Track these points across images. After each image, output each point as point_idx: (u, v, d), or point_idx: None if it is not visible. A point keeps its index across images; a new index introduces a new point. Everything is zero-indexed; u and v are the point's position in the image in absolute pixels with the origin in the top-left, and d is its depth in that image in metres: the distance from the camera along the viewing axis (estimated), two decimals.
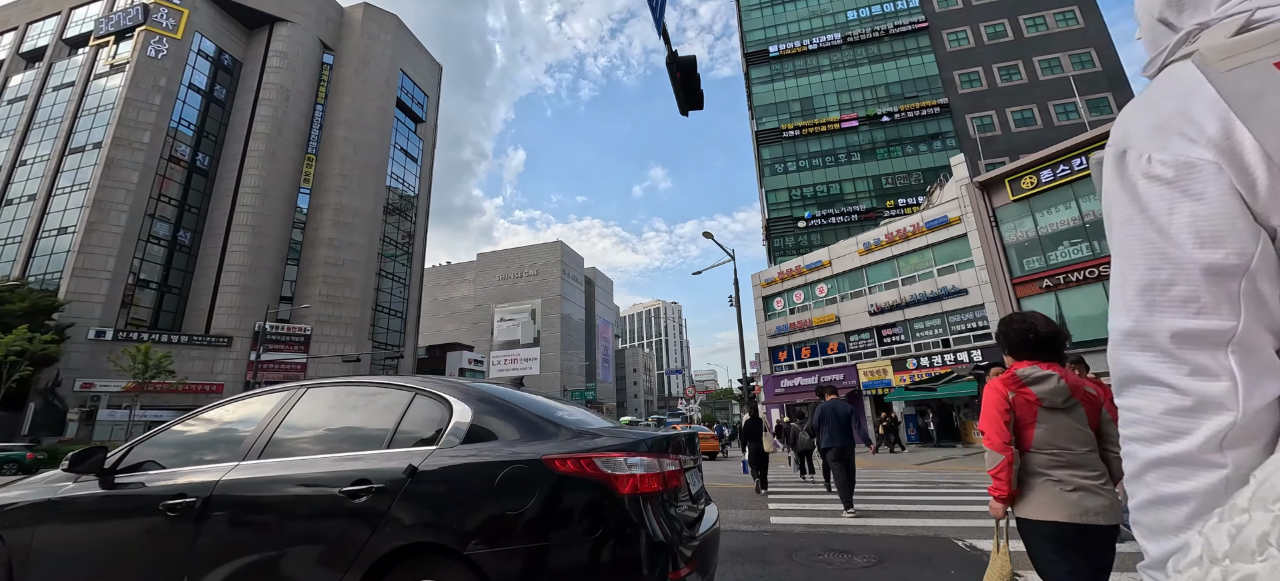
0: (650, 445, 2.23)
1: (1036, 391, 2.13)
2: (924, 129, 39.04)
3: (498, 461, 2.10)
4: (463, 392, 2.45)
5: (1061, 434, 2.12)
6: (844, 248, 27.73)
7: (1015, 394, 2.17)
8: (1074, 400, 2.14)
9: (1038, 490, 2.11)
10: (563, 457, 2.07)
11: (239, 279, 42.01)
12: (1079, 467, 2.08)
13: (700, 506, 2.63)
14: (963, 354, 22.31)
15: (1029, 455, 2.15)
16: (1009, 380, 2.20)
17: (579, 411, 2.76)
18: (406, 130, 56.18)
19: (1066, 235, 20.05)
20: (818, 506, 7.53)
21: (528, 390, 2.94)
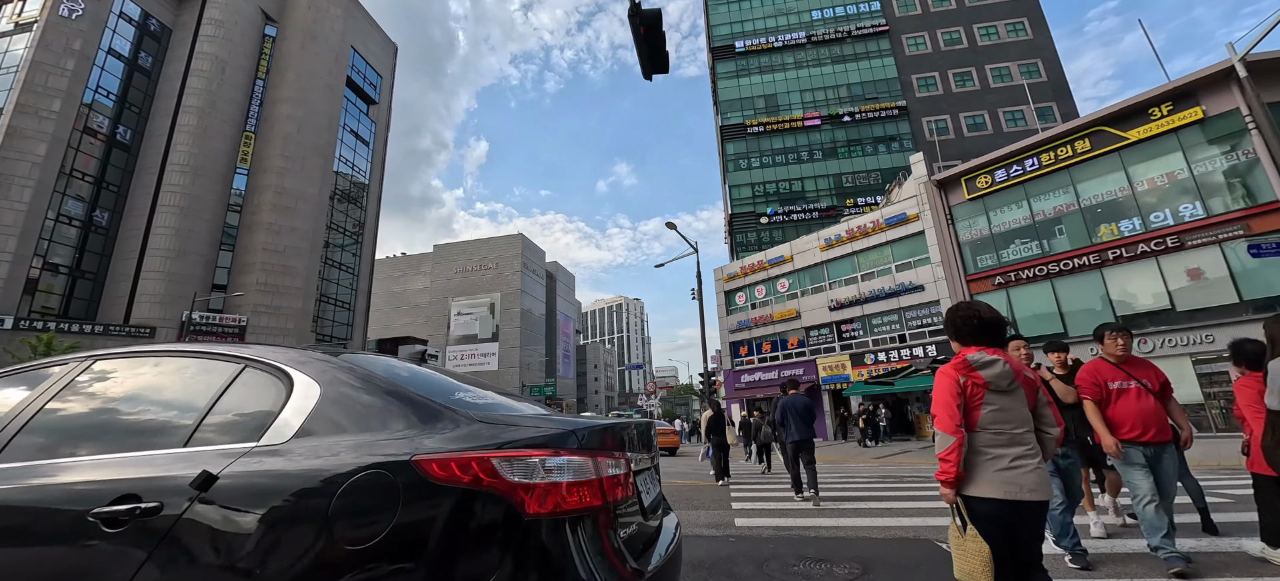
0: (585, 438, 1.54)
1: (985, 375, 2.22)
2: (883, 130, 39.84)
3: (341, 467, 1.36)
4: (317, 365, 1.68)
5: (1004, 415, 2.22)
6: (806, 243, 27.79)
7: (965, 378, 2.24)
8: (1016, 383, 2.24)
9: (980, 469, 2.20)
10: (444, 458, 1.35)
11: (164, 264, 38.64)
12: (1017, 445, 2.19)
13: (656, 521, 1.96)
14: (918, 349, 22.64)
15: (974, 435, 2.23)
16: (960, 365, 2.27)
17: (495, 395, 2.01)
18: (357, 111, 53.23)
19: (1018, 234, 20.57)
20: (783, 504, 7.04)
21: (480, 384, 2.18)
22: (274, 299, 41.86)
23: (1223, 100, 16.44)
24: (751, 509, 6.83)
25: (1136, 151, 18.05)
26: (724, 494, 8.36)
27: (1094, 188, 18.89)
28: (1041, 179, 20.04)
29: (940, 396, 2.28)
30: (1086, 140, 18.98)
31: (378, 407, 1.50)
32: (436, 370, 2.22)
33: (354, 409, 1.50)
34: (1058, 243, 19.53)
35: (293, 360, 1.68)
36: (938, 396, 2.30)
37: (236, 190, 43.97)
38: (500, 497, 1.30)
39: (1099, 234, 18.61)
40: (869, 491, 8.13)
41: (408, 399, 1.54)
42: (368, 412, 1.49)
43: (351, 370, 1.64)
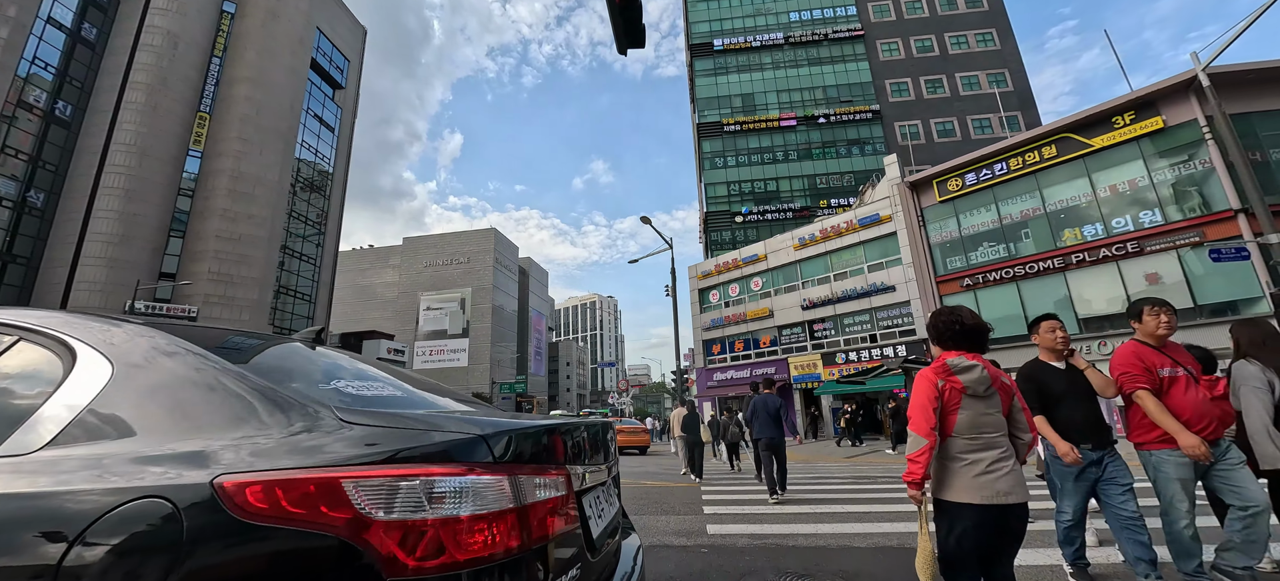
0: (505, 445, 1.05)
1: (963, 379, 2.22)
2: (857, 133, 40.33)
3: (92, 495, 0.86)
4: (114, 333, 1.16)
5: (980, 419, 2.23)
6: (779, 242, 27.77)
7: (944, 382, 2.25)
8: (993, 389, 2.26)
9: (957, 474, 2.21)
10: (266, 480, 0.87)
11: (106, 250, 36.29)
12: (992, 449, 2.21)
13: (611, 549, 1.50)
14: (889, 349, 22.83)
15: (950, 440, 2.24)
16: (939, 369, 2.28)
17: (404, 385, 1.52)
18: (323, 96, 51.13)
19: (986, 237, 20.89)
20: (758, 508, 6.70)
21: (453, 384, 1.64)
22: (228, 289, 39.79)
23: (1182, 111, 16.94)
24: (725, 514, 6.45)
25: (1100, 158, 18.49)
26: (696, 496, 7.97)
27: (1059, 192, 19.30)
28: (1010, 183, 20.39)
29: (917, 399, 2.28)
30: (1053, 146, 19.37)
31: (192, 399, 1.01)
32: (392, 365, 1.71)
33: (154, 400, 1.01)
34: (1024, 246, 19.90)
35: (81, 327, 1.17)
36: (915, 399, 2.30)
37: (189, 174, 41.62)
38: (351, 546, 0.82)
39: (1063, 238, 19.01)
40: (845, 493, 7.87)
41: (245, 387, 1.04)
42: (175, 406, 1.00)
43: (169, 343, 1.13)
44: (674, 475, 11.53)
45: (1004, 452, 2.22)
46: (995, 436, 2.23)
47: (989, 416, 2.24)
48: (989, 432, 2.23)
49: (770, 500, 7.08)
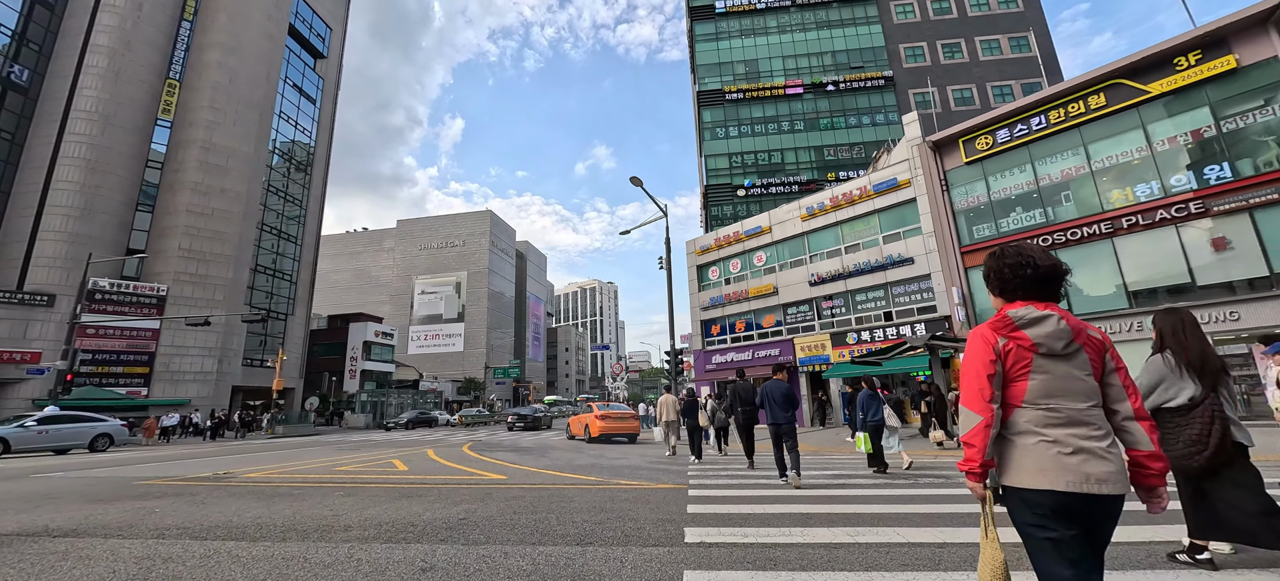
0: None
1: (1032, 335, 1.74)
2: (868, 101, 37.74)
3: None
4: None
5: (1060, 386, 1.73)
6: (785, 212, 25.43)
7: (1006, 340, 1.77)
8: (1076, 344, 1.75)
9: (1028, 452, 1.72)
10: None
11: (67, 224, 34.06)
12: (1080, 425, 1.70)
13: None
14: (906, 328, 20.60)
15: (1018, 412, 1.75)
16: (999, 324, 1.80)
17: None
18: (302, 65, 48.53)
19: (1019, 201, 18.53)
20: (754, 507, 4.53)
21: (449, 369, 0.59)
22: (199, 266, 37.62)
23: (1259, 48, 14.51)
24: (715, 544, 4.26)
25: (1158, 107, 16.07)
26: (678, 506, 5.80)
27: (1107, 148, 16.90)
28: (1049, 139, 17.98)
29: (971, 364, 1.79)
30: (1101, 95, 16.93)
31: None
32: None
33: None
34: (1064, 210, 17.55)
35: None
36: (967, 363, 1.81)
37: (158, 145, 39.23)
38: None
39: (1111, 200, 16.65)
40: (873, 492, 5.70)
41: None
42: None
43: None
44: (658, 468, 9.40)
45: (1096, 430, 1.70)
46: (1082, 408, 1.71)
47: (1073, 381, 1.73)
48: (1074, 402, 1.72)
49: (788, 481, 7.06)
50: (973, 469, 1.75)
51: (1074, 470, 1.66)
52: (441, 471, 9.50)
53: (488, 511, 5.50)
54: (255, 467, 10.85)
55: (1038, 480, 1.69)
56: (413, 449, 15.64)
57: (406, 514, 5.41)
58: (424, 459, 12.13)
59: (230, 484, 8.14)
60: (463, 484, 7.75)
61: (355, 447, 17.24)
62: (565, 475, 8.67)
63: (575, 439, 18.79)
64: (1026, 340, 1.74)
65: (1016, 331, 1.76)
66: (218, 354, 37.37)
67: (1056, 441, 1.70)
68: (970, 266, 19.29)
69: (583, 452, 13.44)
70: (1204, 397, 2.93)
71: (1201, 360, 3.00)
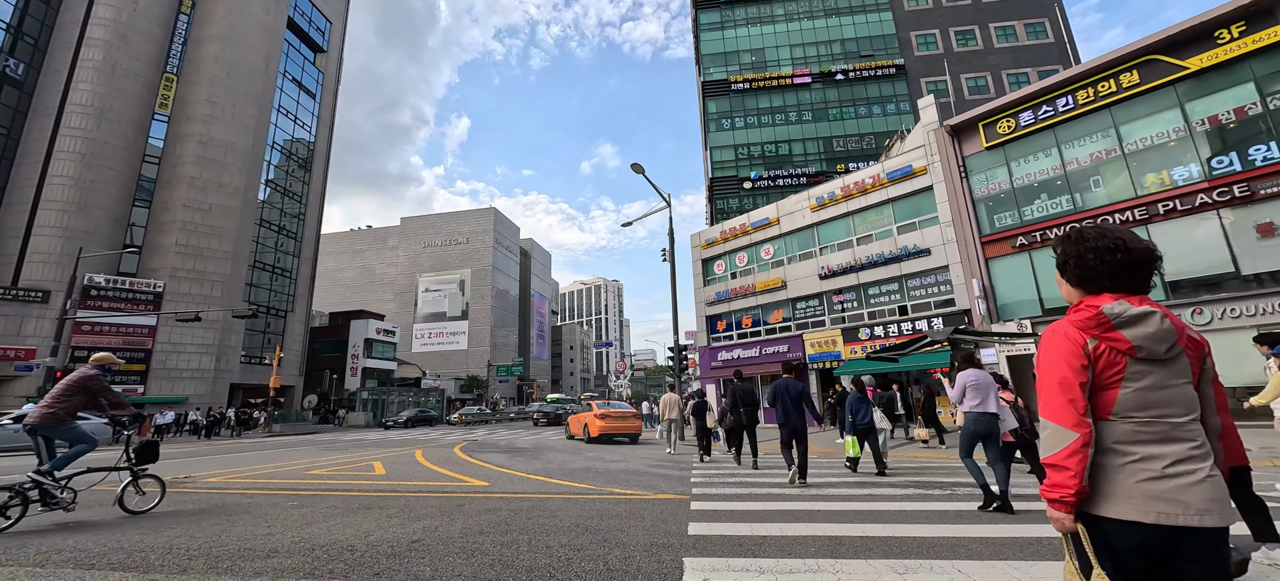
0: None
1: (1132, 336, 1.47)
2: (878, 90, 36.59)
3: None
4: None
5: (1158, 396, 1.47)
6: (794, 203, 24.42)
7: (1097, 341, 1.49)
8: (1177, 347, 1.50)
9: (1113, 476, 1.45)
10: None
11: (62, 219, 33.58)
12: (1178, 442, 1.44)
13: None
14: (922, 322, 19.57)
15: (1104, 426, 1.49)
16: (1089, 321, 1.51)
17: None
18: (302, 59, 47.91)
19: (1045, 187, 17.46)
20: (769, 527, 3.64)
21: (453, 367, 0.58)
22: (197, 262, 37.07)
23: None
24: (718, 560, 3.37)
25: (1197, 84, 14.97)
26: (678, 523, 4.92)
27: (1141, 129, 15.80)
28: (1076, 121, 16.90)
29: (1054, 370, 1.50)
30: (1134, 73, 15.83)
31: None
32: None
33: None
34: (1093, 196, 16.47)
35: None
36: (1050, 368, 1.52)
37: (155, 139, 38.71)
38: None
39: (1145, 184, 15.57)
40: (905, 502, 4.79)
41: None
42: None
43: None
44: (659, 473, 8.52)
45: (1196, 447, 1.44)
46: (1181, 422, 1.45)
47: (1172, 390, 1.47)
48: (1172, 416, 1.45)
49: (797, 483, 6.94)
50: (1065, 498, 1.46)
51: (1170, 498, 1.39)
52: (420, 476, 8.65)
53: (449, 530, 4.62)
54: (223, 471, 10.06)
55: (1124, 510, 1.42)
56: (402, 449, 14.84)
57: (352, 533, 4.54)
58: (408, 462, 11.29)
59: (180, 491, 7.32)
60: (436, 492, 6.88)
61: (344, 448, 16.47)
62: (554, 481, 7.79)
63: (574, 439, 17.96)
64: (1124, 342, 1.48)
65: (1112, 332, 1.49)
66: (215, 351, 36.82)
67: (1149, 462, 1.43)
68: (991, 257, 18.25)
69: (580, 454, 12.58)
70: None
71: None
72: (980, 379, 5.33)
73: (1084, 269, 1.60)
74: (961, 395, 5.37)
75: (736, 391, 9.63)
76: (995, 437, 5.19)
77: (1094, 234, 1.62)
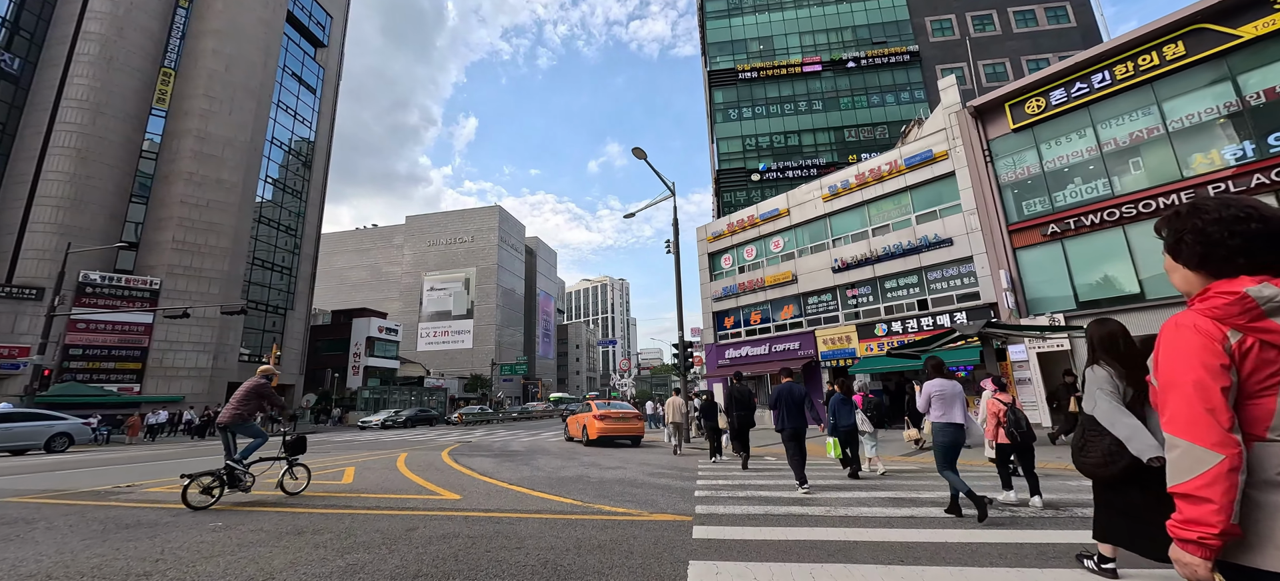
0: None
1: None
2: (892, 78, 35.25)
3: None
4: None
5: None
6: (805, 193, 23.24)
7: (1242, 333, 1.20)
8: None
9: (1271, 517, 1.14)
10: None
11: (57, 215, 33.05)
12: None
13: None
14: (943, 316, 18.34)
15: (1261, 448, 1.17)
16: (1230, 307, 1.21)
17: None
18: (302, 54, 47.27)
19: (1078, 170, 16.18)
20: (795, 568, 2.60)
21: (457, 366, 0.58)
22: (194, 260, 36.45)
23: None
24: None
25: (1252, 54, 13.66)
26: (673, 559, 3.90)
27: (1187, 105, 14.51)
28: (1114, 98, 15.61)
29: (1185, 368, 1.21)
30: (1179, 44, 14.54)
31: None
32: None
33: None
34: (1133, 179, 15.19)
35: None
36: (1178, 369, 1.22)
37: (152, 135, 38.15)
38: None
39: (1192, 165, 14.28)
40: (957, 532, 3.72)
41: None
42: None
43: None
44: (659, 482, 7.47)
45: None
46: None
47: None
48: None
49: (800, 489, 6.67)
50: (1206, 539, 1.14)
51: None
52: (387, 487, 7.64)
53: (379, 569, 3.59)
54: (175, 478, 9.09)
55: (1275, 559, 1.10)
56: (388, 452, 13.87)
57: (254, 572, 3.52)
58: (385, 468, 10.30)
59: (112, 503, 6.35)
60: (391, 510, 5.85)
61: (329, 450, 15.54)
62: (536, 495, 6.75)
63: (573, 441, 16.95)
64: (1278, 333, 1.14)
65: (1263, 321, 1.17)
66: (213, 349, 36.19)
67: None
68: (1019, 246, 16.99)
69: (575, 459, 11.54)
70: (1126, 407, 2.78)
71: (1134, 375, 2.86)
72: (945, 389, 5.27)
73: (1207, 245, 1.29)
74: (927, 405, 5.34)
75: (733, 392, 9.99)
76: (958, 447, 5.18)
77: (1213, 203, 1.34)
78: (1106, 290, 15.40)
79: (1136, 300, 14.64)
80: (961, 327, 12.05)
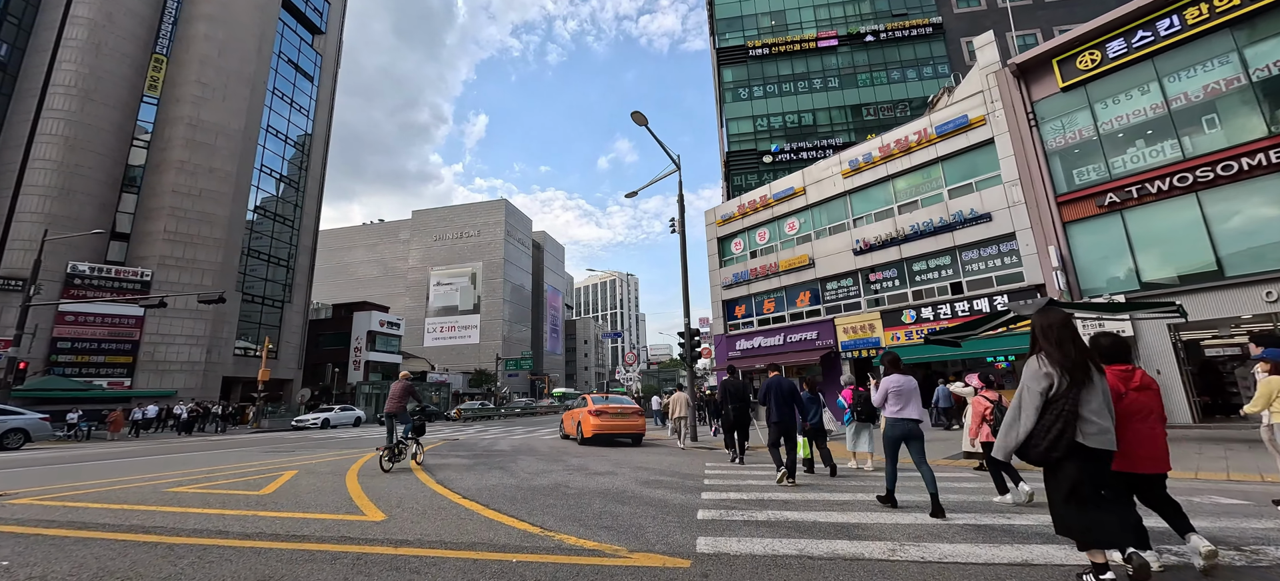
0: None
1: None
2: (913, 52, 33.05)
3: None
4: None
5: None
6: (823, 170, 21.37)
7: None
8: None
9: None
10: None
11: (44, 205, 32.06)
12: None
13: None
14: (981, 301, 16.42)
15: None
16: None
17: None
18: (298, 40, 46.01)
19: (1140, 131, 14.16)
20: None
21: (464, 362, 0.58)
22: (187, 250, 35.36)
23: None
24: None
25: None
26: None
27: (1276, 50, 12.44)
28: (1184, 46, 13.58)
29: None
30: None
31: None
32: None
33: None
34: (1207, 139, 13.17)
35: None
36: None
37: (144, 122, 37.08)
38: None
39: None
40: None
41: None
42: None
43: None
44: (654, 497, 5.81)
45: None
46: None
47: None
48: None
49: (776, 479, 6.89)
50: None
51: None
52: (304, 502, 6.03)
53: None
54: (67, 486, 7.57)
55: None
56: (355, 452, 12.33)
57: None
58: (331, 473, 8.72)
59: None
60: (256, 540, 4.21)
61: (293, 448, 14.05)
62: (486, 515, 5.09)
63: (568, 439, 15.33)
64: None
65: None
66: (206, 343, 35.13)
67: None
68: (1070, 220, 15.01)
69: (561, 462, 9.90)
70: (1059, 396, 2.87)
71: (1073, 367, 2.88)
72: (901, 385, 5.34)
73: None
74: (883, 400, 5.40)
75: (726, 386, 9.99)
76: (918, 441, 5.19)
77: None
78: (1175, 266, 13.41)
79: (1213, 278, 12.65)
80: (1020, 306, 10.19)
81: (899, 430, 5.22)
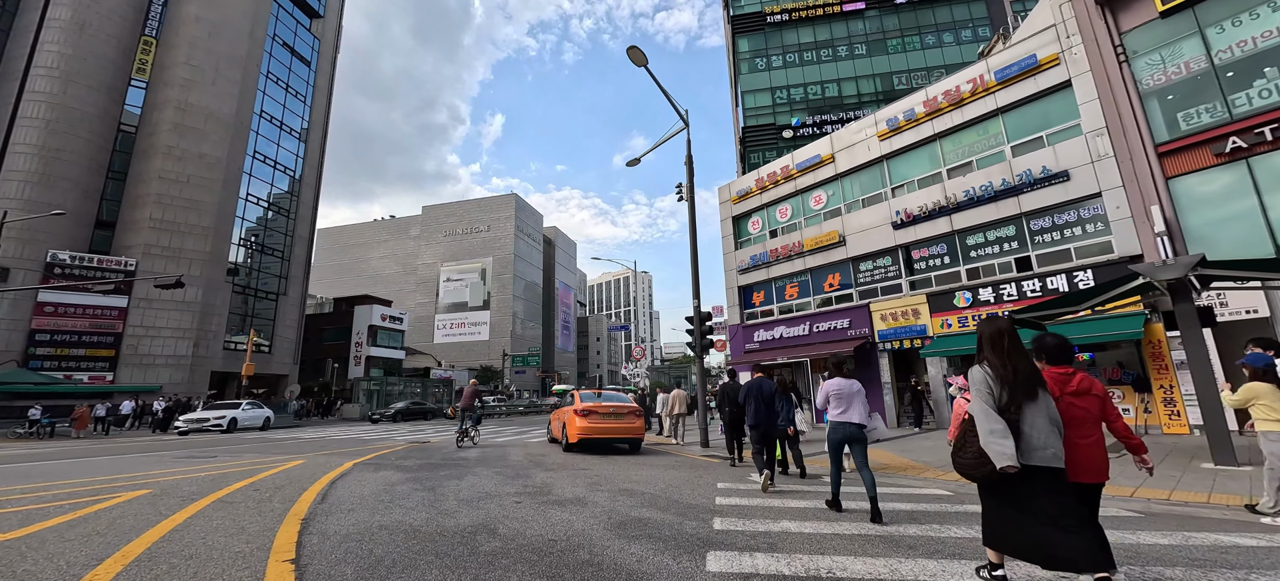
0: None
1: None
2: (950, 14, 29.92)
3: None
4: None
5: None
6: (855, 133, 18.56)
7: None
8: None
9: None
10: None
11: (24, 191, 30.62)
12: None
13: None
14: (1057, 280, 13.50)
15: None
16: None
17: None
18: (295, 22, 44.33)
19: (1271, 58, 11.14)
20: None
21: (474, 358, 0.59)
22: (173, 239, 33.70)
23: None
24: None
25: None
26: None
27: None
28: None
29: None
30: None
31: None
32: None
33: None
34: None
35: None
36: None
37: (132, 107, 35.59)
38: None
39: None
40: None
41: None
42: None
43: None
44: (637, 539, 3.28)
45: None
46: None
47: None
48: None
49: (757, 480, 6.81)
50: None
51: None
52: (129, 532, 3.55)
53: None
54: None
55: None
56: (321, 453, 9.97)
57: None
58: (228, 489, 6.32)
59: None
60: None
61: (250, 449, 11.77)
62: None
63: (555, 442, 12.89)
64: None
65: None
66: (193, 336, 33.44)
67: None
68: (1174, 175, 12.05)
69: (521, 478, 7.41)
70: (1001, 411, 2.72)
71: (1015, 375, 2.77)
72: (842, 388, 5.21)
73: None
74: (825, 403, 5.30)
75: (723, 389, 9.64)
76: (860, 444, 5.07)
77: None
78: None
79: None
80: (1148, 268, 7.36)
81: (840, 434, 5.15)
